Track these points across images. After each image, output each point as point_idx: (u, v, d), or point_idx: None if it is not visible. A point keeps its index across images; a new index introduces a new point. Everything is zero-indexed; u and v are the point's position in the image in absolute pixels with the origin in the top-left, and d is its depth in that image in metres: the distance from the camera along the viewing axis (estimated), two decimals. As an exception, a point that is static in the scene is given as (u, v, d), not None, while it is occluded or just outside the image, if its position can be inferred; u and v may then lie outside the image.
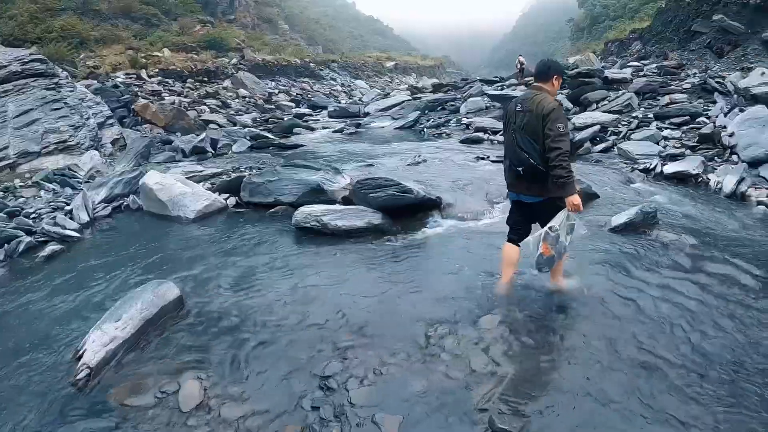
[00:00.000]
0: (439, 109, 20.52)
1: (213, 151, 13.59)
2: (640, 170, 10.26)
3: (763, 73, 13.75)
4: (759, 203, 8.35)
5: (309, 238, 6.21)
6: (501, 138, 13.73)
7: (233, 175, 9.55)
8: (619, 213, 6.42)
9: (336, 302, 4.54)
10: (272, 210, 7.62)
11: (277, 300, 4.62)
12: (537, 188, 4.02)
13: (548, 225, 3.96)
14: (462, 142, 13.93)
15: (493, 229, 6.50)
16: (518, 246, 4.35)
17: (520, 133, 3.91)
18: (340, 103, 29.37)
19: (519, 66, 26.62)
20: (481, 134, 14.60)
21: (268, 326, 4.21)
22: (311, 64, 42.02)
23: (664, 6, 25.77)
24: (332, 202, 7.21)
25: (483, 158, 10.95)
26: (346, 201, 7.25)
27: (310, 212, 6.36)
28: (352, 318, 4.26)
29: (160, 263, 5.80)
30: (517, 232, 4.40)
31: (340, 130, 17.46)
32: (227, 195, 8.41)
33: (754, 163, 9.98)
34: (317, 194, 7.45)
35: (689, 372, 3.53)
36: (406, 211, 6.79)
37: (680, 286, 4.91)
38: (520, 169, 3.96)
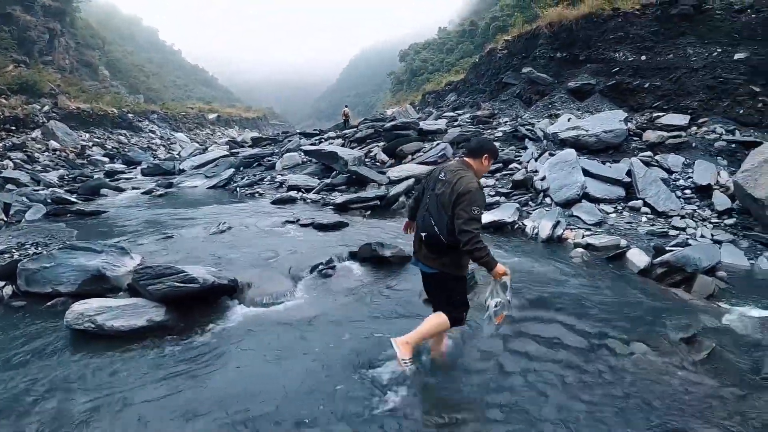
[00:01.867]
0: (255, 165, 19.81)
1: (5, 219, 11.17)
2: None
3: (569, 119, 14.99)
4: (576, 245, 8.48)
5: (86, 341, 5.23)
6: (315, 197, 13.36)
7: (15, 255, 7.77)
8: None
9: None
10: (50, 303, 6.28)
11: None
12: (432, 260, 4.07)
13: (494, 300, 4.04)
14: (274, 202, 12.97)
15: (293, 315, 5.71)
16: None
17: (434, 200, 4.00)
18: (157, 158, 28.49)
19: (344, 117, 28.32)
20: (294, 193, 13.81)
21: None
22: (130, 115, 39.08)
23: (478, 60, 27.50)
24: (117, 290, 6.42)
25: (292, 222, 10.19)
26: (132, 289, 6.12)
27: (83, 311, 5.41)
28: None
29: None
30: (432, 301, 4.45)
31: (150, 191, 15.77)
32: (4, 283, 6.68)
33: (567, 204, 10.40)
34: (100, 281, 6.50)
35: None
36: (197, 300, 5.78)
37: (508, 361, 4.50)
38: (423, 234, 4.06)
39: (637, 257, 7.43)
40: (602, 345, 4.71)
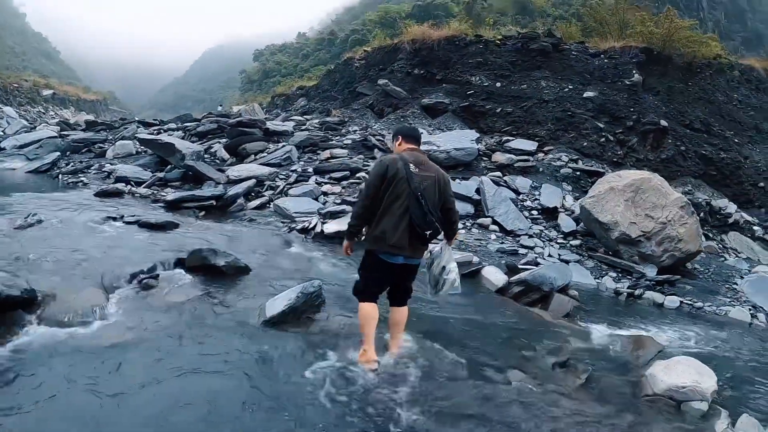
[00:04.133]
0: (85, 150, 17.57)
1: None
2: (299, 230, 9.14)
3: (421, 133, 14.27)
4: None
5: None
6: (145, 191, 11.93)
7: None
8: (276, 297, 5.07)
9: None
10: None
11: None
12: (422, 250, 4.25)
13: (454, 263, 4.35)
14: (98, 195, 11.11)
15: (104, 338, 4.32)
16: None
17: (427, 196, 4.03)
18: (-24, 132, 25.37)
19: None
20: (121, 186, 11.99)
21: None
22: (-47, 81, 33.59)
23: (333, 68, 27.10)
24: None
25: (114, 218, 8.57)
26: None
27: None
28: None
29: None
30: (376, 295, 4.29)
31: (-43, 172, 13.23)
32: None
33: None
34: None
35: None
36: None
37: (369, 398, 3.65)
38: (427, 232, 4.08)
39: (494, 275, 7.18)
40: (477, 374, 4.19)
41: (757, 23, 50.17)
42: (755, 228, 13.00)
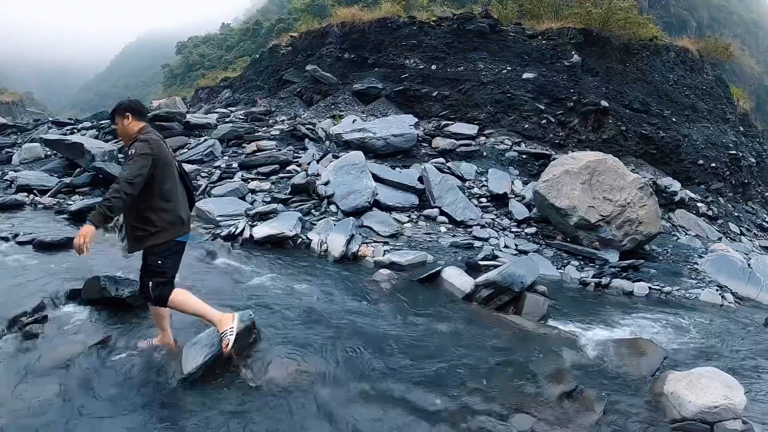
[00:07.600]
0: None
1: None
2: (224, 237, 7.99)
3: (354, 120, 14.02)
4: (377, 264, 7.09)
5: None
6: (49, 201, 10.53)
7: None
8: (195, 340, 3.92)
9: None
10: None
11: None
12: None
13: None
14: None
15: None
16: None
17: (186, 175, 4.20)
18: None
19: None
20: (23, 196, 10.49)
21: None
22: None
23: (258, 56, 25.85)
24: None
25: (6, 239, 7.03)
26: None
27: None
28: None
29: None
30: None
31: None
32: None
33: (356, 213, 9.12)
34: None
35: None
36: None
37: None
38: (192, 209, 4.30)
39: (458, 279, 6.26)
40: (475, 427, 3.24)
41: (680, 9, 51.61)
42: (699, 205, 12.94)
